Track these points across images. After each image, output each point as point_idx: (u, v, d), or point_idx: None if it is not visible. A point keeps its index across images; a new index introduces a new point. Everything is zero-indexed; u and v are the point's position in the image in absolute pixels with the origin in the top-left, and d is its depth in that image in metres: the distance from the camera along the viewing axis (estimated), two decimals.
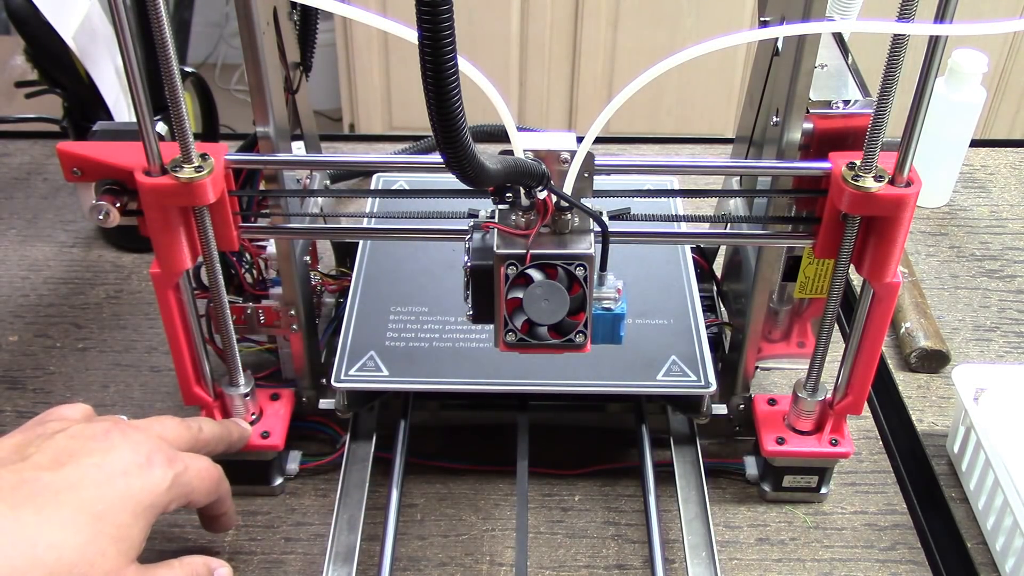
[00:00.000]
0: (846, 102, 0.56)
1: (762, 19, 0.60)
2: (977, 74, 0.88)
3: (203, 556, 0.54)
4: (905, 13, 0.45)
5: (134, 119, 0.50)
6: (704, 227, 0.77)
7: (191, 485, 0.53)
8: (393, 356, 0.65)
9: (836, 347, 0.62)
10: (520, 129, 0.50)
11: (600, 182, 0.51)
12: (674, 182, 0.75)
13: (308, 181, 0.68)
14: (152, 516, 0.50)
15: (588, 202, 0.51)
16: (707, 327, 0.68)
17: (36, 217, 0.92)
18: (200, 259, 0.56)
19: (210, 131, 0.89)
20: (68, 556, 0.45)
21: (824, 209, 0.54)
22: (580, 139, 0.50)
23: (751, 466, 0.68)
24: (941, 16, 0.45)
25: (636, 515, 0.66)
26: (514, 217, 0.50)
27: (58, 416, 0.54)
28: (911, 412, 0.74)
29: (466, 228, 0.52)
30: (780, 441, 0.64)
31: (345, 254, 0.77)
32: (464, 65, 0.40)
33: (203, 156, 0.52)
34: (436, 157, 0.44)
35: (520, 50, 2.00)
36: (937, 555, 0.64)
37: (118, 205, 0.53)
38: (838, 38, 0.64)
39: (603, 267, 0.52)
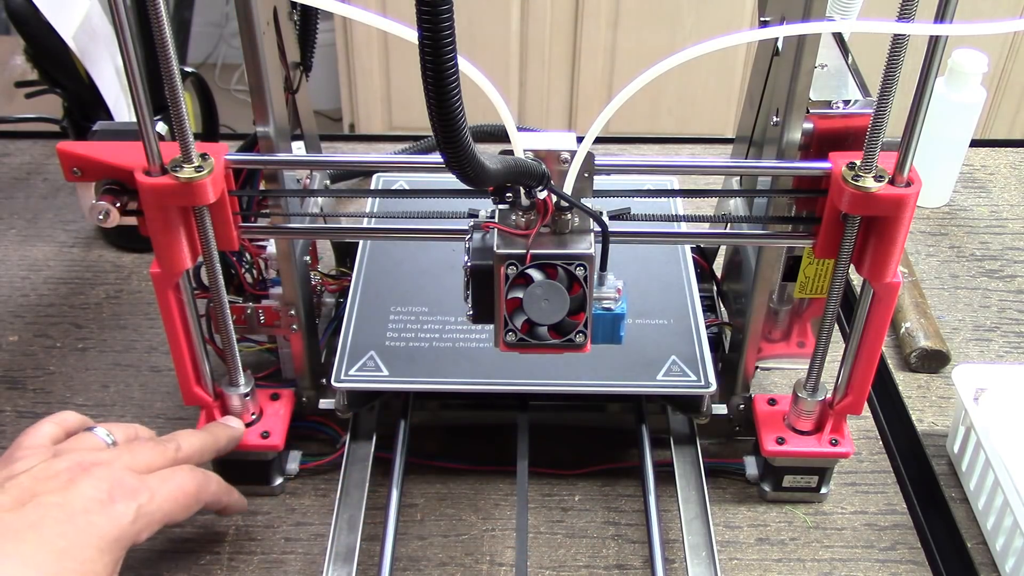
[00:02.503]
0: (846, 102, 0.56)
1: (762, 19, 0.60)
2: (977, 74, 0.88)
3: None
4: (905, 13, 0.45)
5: (134, 119, 0.50)
6: (704, 227, 0.77)
7: (161, 510, 0.52)
8: (393, 356, 0.65)
9: (836, 347, 0.62)
10: (520, 129, 0.50)
11: (600, 182, 0.51)
12: (674, 182, 0.75)
13: (308, 181, 0.68)
14: (120, 549, 0.50)
15: (588, 202, 0.51)
16: (707, 327, 0.68)
17: (36, 217, 0.92)
18: (200, 259, 0.56)
19: (210, 131, 0.89)
20: None
21: (824, 209, 0.54)
22: (580, 139, 0.50)
23: (751, 466, 0.68)
24: (941, 16, 0.45)
25: (636, 515, 0.66)
26: (514, 217, 0.50)
27: (26, 448, 0.53)
28: (911, 412, 0.74)
29: (466, 228, 0.52)
30: (780, 441, 0.64)
31: (345, 254, 0.77)
32: (464, 65, 0.40)
33: (203, 156, 0.52)
34: (436, 157, 0.44)
35: (520, 50, 2.00)
36: (937, 555, 0.64)
37: (118, 205, 0.53)
38: (838, 38, 0.64)
39: (603, 267, 0.52)
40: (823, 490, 0.67)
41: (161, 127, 0.68)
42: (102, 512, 0.49)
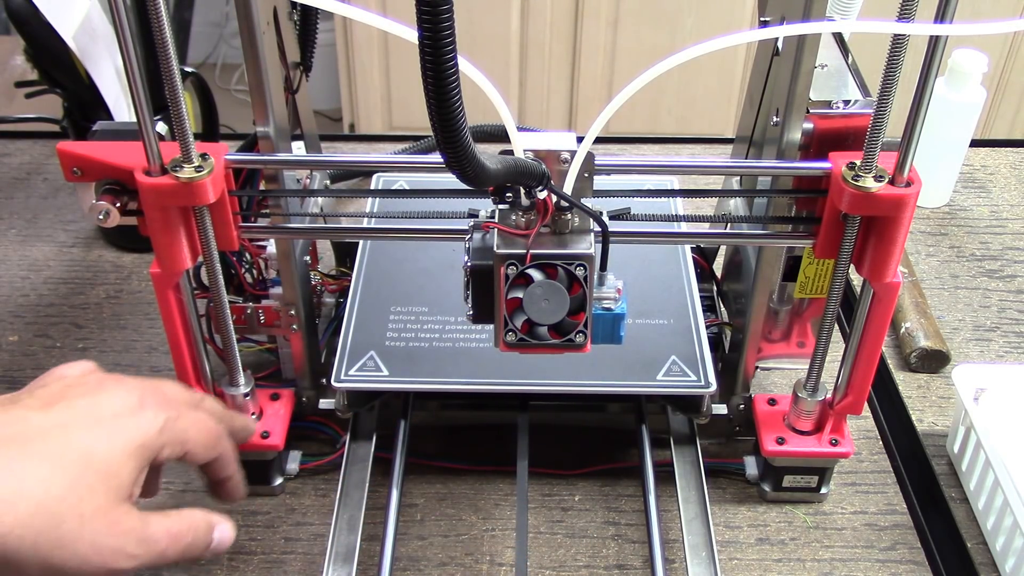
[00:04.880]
0: (846, 102, 0.56)
1: (762, 19, 0.60)
2: (977, 74, 0.88)
3: (205, 510, 0.52)
4: (905, 13, 0.45)
5: (134, 119, 0.50)
6: (704, 227, 0.77)
7: (187, 433, 0.52)
8: (393, 356, 0.65)
9: (836, 347, 0.62)
10: (520, 129, 0.50)
11: (600, 182, 0.51)
12: (674, 182, 0.75)
13: (308, 181, 0.68)
14: (144, 457, 0.49)
15: (588, 202, 0.51)
16: (707, 327, 0.68)
17: (36, 217, 0.92)
18: (200, 259, 0.56)
19: (210, 131, 0.89)
20: (55, 491, 0.44)
21: (824, 209, 0.54)
22: (580, 139, 0.50)
23: (751, 466, 0.68)
24: (941, 16, 0.45)
25: (636, 515, 0.66)
26: (514, 217, 0.50)
27: (58, 375, 0.53)
28: (911, 412, 0.74)
29: (466, 228, 0.52)
30: (780, 441, 0.64)
31: (345, 254, 0.77)
32: (464, 65, 0.40)
33: (203, 156, 0.52)
34: (436, 157, 0.44)
35: (520, 50, 2.00)
36: (937, 555, 0.64)
37: (118, 205, 0.53)
38: (838, 38, 0.64)
39: (603, 267, 0.52)
40: (823, 490, 0.67)
41: (161, 127, 0.68)
42: (131, 417, 0.49)
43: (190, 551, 0.51)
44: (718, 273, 0.76)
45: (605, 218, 0.51)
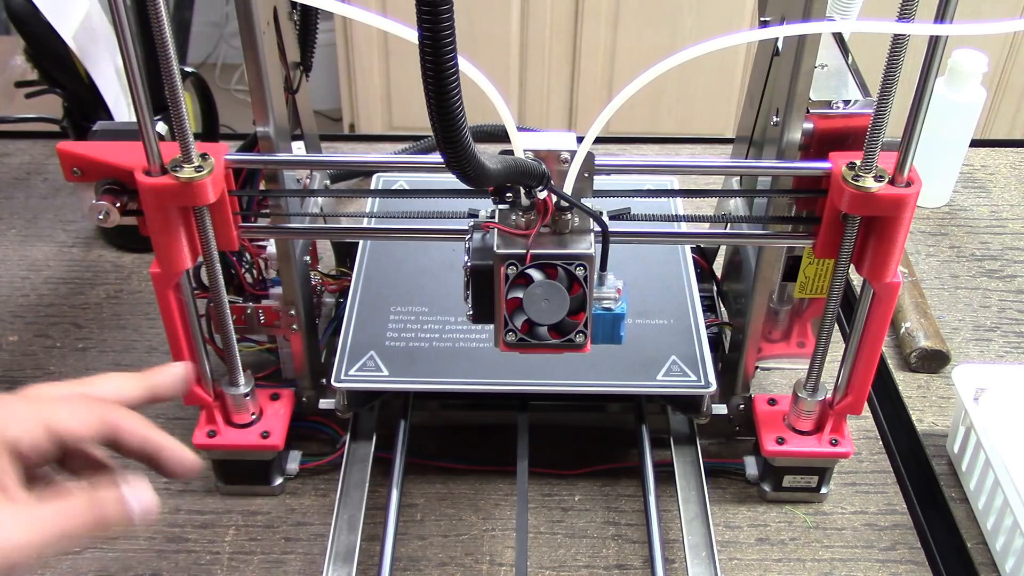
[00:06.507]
0: (846, 102, 0.56)
1: (762, 19, 0.60)
2: (977, 74, 0.88)
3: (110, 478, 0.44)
4: (905, 13, 0.45)
5: (134, 119, 0.50)
6: (704, 227, 0.77)
7: (42, 414, 0.44)
8: (393, 356, 0.65)
9: (836, 347, 0.62)
10: (520, 129, 0.50)
11: (600, 182, 0.51)
12: (674, 182, 0.75)
13: (308, 181, 0.68)
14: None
15: (588, 202, 0.51)
16: (707, 327, 0.68)
17: (36, 217, 0.92)
18: (200, 259, 0.56)
19: (210, 131, 0.89)
20: None
21: (824, 209, 0.54)
22: (580, 139, 0.50)
23: (751, 466, 0.68)
24: (941, 16, 0.45)
25: (636, 515, 0.66)
26: (514, 217, 0.50)
27: None
28: (911, 412, 0.74)
29: (466, 228, 0.52)
30: (780, 441, 0.64)
31: (345, 254, 0.77)
32: (464, 65, 0.40)
33: (203, 156, 0.52)
34: (436, 157, 0.44)
35: (520, 50, 2.00)
36: (937, 555, 0.64)
37: (118, 205, 0.53)
38: (838, 38, 0.64)
39: (603, 267, 0.52)
40: (823, 490, 0.67)
41: (161, 127, 0.68)
42: None
43: (101, 523, 0.43)
44: (718, 273, 0.76)
45: (605, 218, 0.51)
